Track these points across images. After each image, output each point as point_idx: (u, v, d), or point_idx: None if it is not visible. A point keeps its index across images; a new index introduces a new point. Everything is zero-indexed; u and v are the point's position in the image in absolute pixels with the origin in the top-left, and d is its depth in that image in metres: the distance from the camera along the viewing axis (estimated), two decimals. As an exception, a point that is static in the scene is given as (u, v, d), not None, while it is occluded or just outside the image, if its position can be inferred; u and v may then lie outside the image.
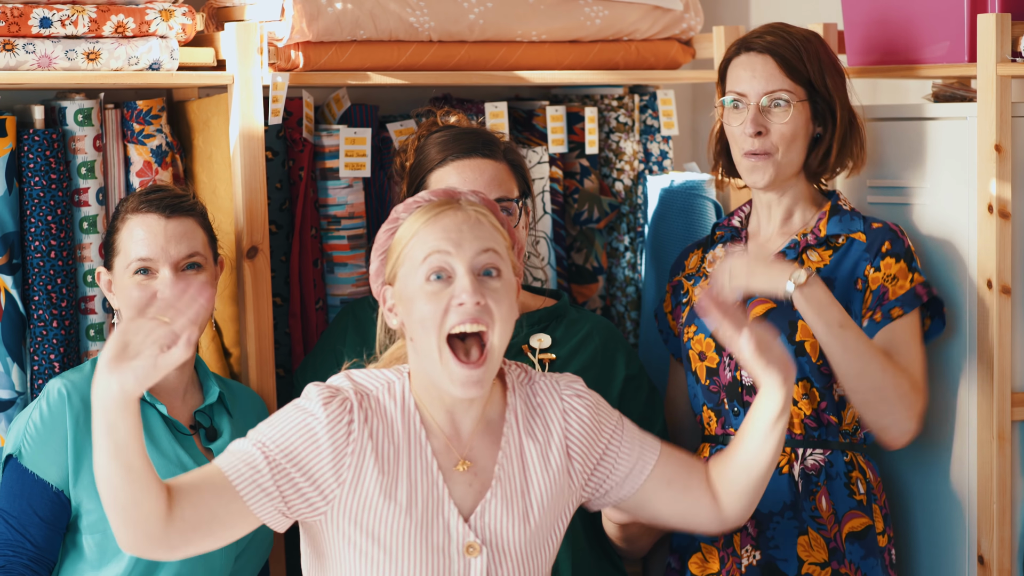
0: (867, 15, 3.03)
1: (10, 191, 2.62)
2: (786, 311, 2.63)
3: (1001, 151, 2.69)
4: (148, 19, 2.67)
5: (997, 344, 2.72)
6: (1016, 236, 2.74)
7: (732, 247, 2.75)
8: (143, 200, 2.50)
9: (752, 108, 2.65)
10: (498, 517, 2.15)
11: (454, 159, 2.64)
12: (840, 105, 2.69)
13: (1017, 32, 2.70)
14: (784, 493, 2.63)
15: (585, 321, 2.75)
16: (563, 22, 3.06)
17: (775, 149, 2.66)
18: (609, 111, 3.26)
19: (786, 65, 2.66)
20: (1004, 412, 2.73)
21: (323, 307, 2.95)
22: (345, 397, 2.11)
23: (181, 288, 2.23)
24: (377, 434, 2.11)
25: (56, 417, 2.41)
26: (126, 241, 2.48)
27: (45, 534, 2.39)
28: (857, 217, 2.71)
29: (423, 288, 2.10)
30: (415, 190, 2.66)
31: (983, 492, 2.76)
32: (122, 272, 2.49)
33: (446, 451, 2.15)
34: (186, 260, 2.49)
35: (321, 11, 2.80)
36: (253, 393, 2.69)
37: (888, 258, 2.65)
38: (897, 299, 2.63)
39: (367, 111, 3.00)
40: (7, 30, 2.56)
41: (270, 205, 2.85)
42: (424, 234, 2.12)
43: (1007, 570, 2.76)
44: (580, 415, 2.23)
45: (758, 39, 2.69)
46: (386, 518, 2.10)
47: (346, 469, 2.09)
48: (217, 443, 2.52)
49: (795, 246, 2.70)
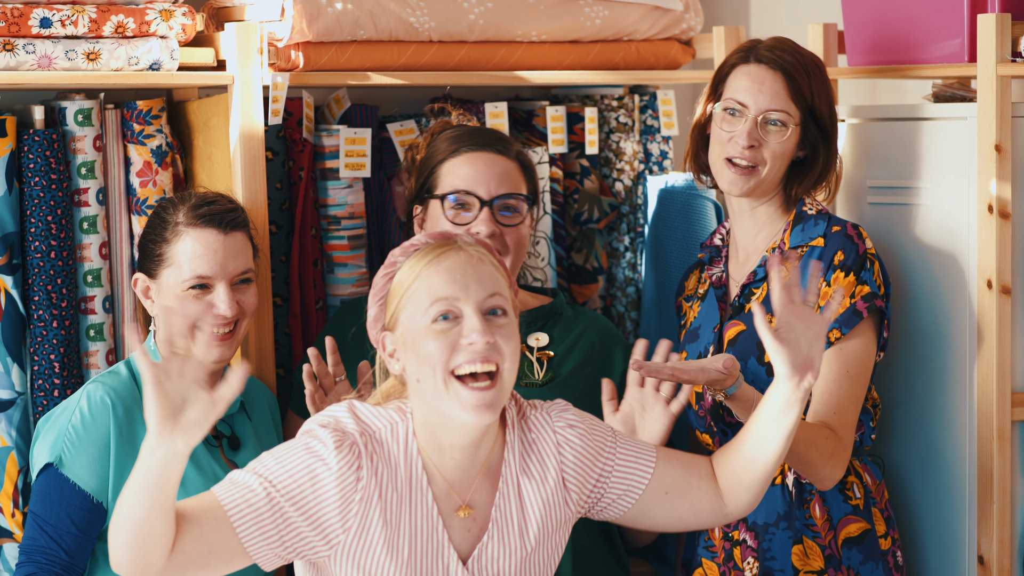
0: (867, 15, 3.03)
1: (10, 191, 2.62)
2: (754, 334, 2.59)
3: (1001, 151, 2.69)
4: (148, 19, 2.67)
5: (997, 344, 2.72)
6: (1016, 236, 2.74)
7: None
8: (199, 214, 2.47)
9: (750, 121, 2.62)
10: (496, 558, 2.14)
11: (467, 150, 2.66)
12: (833, 136, 2.67)
13: (1017, 32, 2.69)
14: (778, 504, 2.63)
15: (581, 318, 2.77)
16: (563, 22, 3.06)
17: (763, 163, 2.62)
18: (609, 111, 3.26)
19: (793, 86, 2.63)
20: (1004, 412, 2.73)
21: (323, 307, 2.95)
22: (353, 442, 2.06)
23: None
24: (383, 481, 2.08)
25: (99, 424, 2.40)
26: (182, 255, 2.45)
27: (79, 543, 2.38)
28: (822, 220, 2.66)
29: (430, 328, 2.06)
30: (424, 183, 2.68)
31: (983, 492, 2.76)
32: (174, 285, 2.46)
33: (447, 497, 2.13)
34: (240, 276, 2.49)
35: (321, 11, 2.80)
36: (262, 385, 2.69)
37: (838, 271, 2.60)
38: (836, 320, 2.57)
39: (367, 111, 3.00)
40: (7, 30, 2.56)
41: (270, 205, 2.85)
42: (428, 277, 2.09)
43: (1007, 570, 2.76)
44: (574, 446, 2.20)
45: (769, 52, 2.64)
46: (388, 569, 2.08)
47: (352, 516, 2.05)
48: (241, 455, 2.52)
49: (764, 263, 2.66)
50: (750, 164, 2.62)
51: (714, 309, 2.71)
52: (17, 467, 2.63)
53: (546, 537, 2.18)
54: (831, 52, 3.14)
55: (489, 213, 2.63)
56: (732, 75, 2.68)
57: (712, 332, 2.68)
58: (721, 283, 2.74)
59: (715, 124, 2.68)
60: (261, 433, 2.59)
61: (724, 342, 2.66)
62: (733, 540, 2.66)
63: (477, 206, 2.64)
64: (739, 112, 2.63)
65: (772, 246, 2.68)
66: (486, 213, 2.63)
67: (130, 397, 2.42)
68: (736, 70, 2.67)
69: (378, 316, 2.16)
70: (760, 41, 2.69)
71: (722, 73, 2.71)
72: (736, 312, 2.67)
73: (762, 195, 2.67)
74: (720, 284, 2.74)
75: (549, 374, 2.68)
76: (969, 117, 2.76)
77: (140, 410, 2.41)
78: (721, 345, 2.66)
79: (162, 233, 2.48)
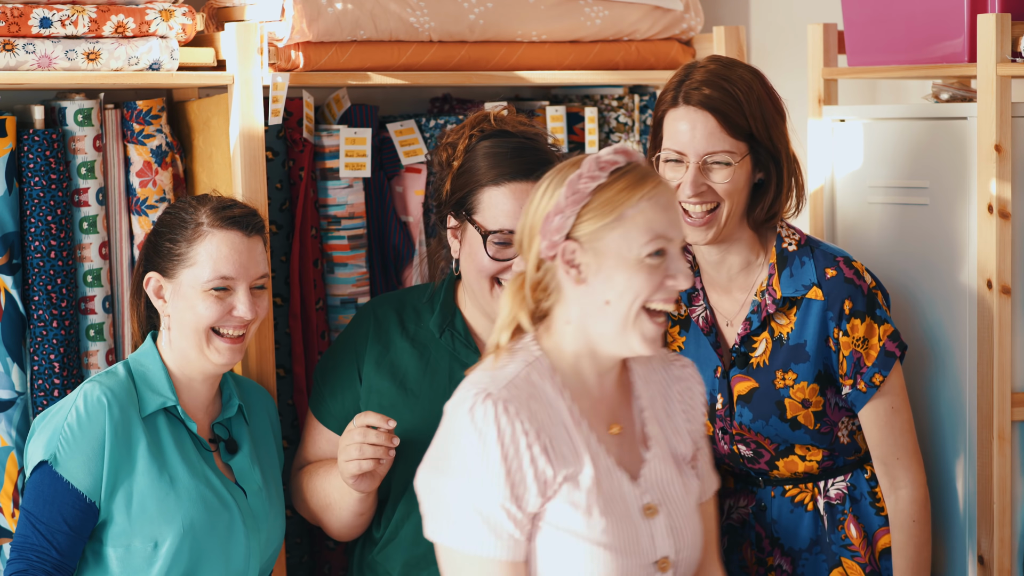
0: (867, 15, 3.03)
1: (10, 191, 2.62)
2: (770, 392, 2.59)
3: (1001, 151, 2.69)
4: (148, 19, 2.67)
5: (997, 344, 2.72)
6: (1016, 236, 2.74)
7: None
8: (224, 216, 2.46)
9: (692, 168, 2.50)
10: (659, 472, 2.19)
11: (509, 180, 2.51)
12: (784, 154, 2.56)
13: (1017, 32, 2.69)
14: (809, 529, 2.63)
15: None
16: (563, 22, 3.06)
17: (720, 200, 2.52)
18: (609, 111, 3.26)
19: (727, 122, 2.49)
20: (1004, 412, 2.73)
21: (323, 307, 2.95)
22: (505, 408, 2.09)
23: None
24: (545, 424, 2.12)
25: (95, 424, 2.39)
26: (206, 255, 2.44)
27: (71, 542, 2.37)
28: (806, 258, 2.59)
29: (643, 262, 2.11)
30: (462, 200, 2.55)
31: (983, 492, 2.76)
32: (193, 285, 2.45)
33: (595, 416, 2.18)
34: (259, 280, 2.49)
35: (321, 11, 2.80)
36: (259, 387, 2.68)
37: (853, 320, 2.57)
38: (873, 365, 2.58)
39: (367, 111, 3.00)
40: (7, 30, 2.56)
41: (270, 205, 2.85)
42: (648, 210, 2.12)
43: (1007, 570, 2.76)
44: (690, 386, 2.31)
45: (696, 91, 2.50)
46: (591, 505, 2.11)
47: (548, 471, 2.10)
48: (236, 459, 2.52)
49: (757, 310, 2.60)
50: (708, 209, 2.52)
51: (707, 351, 2.64)
52: (17, 467, 2.63)
53: (685, 452, 2.26)
54: (831, 52, 3.14)
55: None
56: (666, 121, 2.56)
57: (714, 376, 2.63)
58: (710, 324, 2.65)
59: (663, 172, 2.56)
60: (258, 438, 2.59)
61: (734, 394, 2.63)
62: (768, 565, 2.66)
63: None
64: (680, 160, 2.53)
65: (760, 289, 2.61)
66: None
67: (126, 398, 2.42)
68: (668, 116, 2.55)
69: (565, 222, 2.14)
70: (691, 73, 2.55)
71: (657, 117, 2.59)
72: (741, 363, 2.62)
73: (727, 237, 2.57)
74: (709, 326, 2.65)
75: None
76: (969, 117, 2.76)
77: (136, 411, 2.42)
78: (731, 396, 2.63)
79: (183, 232, 2.47)
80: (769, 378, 2.59)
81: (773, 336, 2.60)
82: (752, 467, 2.65)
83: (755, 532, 2.67)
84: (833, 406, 2.60)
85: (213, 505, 2.43)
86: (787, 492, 2.66)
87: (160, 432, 2.43)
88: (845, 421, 2.63)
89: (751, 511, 2.67)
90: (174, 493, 2.40)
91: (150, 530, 2.38)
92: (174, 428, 2.45)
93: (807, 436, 2.60)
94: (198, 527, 2.40)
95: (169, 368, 2.48)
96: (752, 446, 2.62)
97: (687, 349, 2.67)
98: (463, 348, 2.58)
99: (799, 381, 2.58)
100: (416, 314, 2.64)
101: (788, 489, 2.66)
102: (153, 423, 2.43)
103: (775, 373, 2.59)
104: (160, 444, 2.42)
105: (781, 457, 2.63)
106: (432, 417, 2.27)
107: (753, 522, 2.67)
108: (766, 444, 2.61)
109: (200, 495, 2.42)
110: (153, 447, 2.41)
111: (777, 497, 2.66)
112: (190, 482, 2.43)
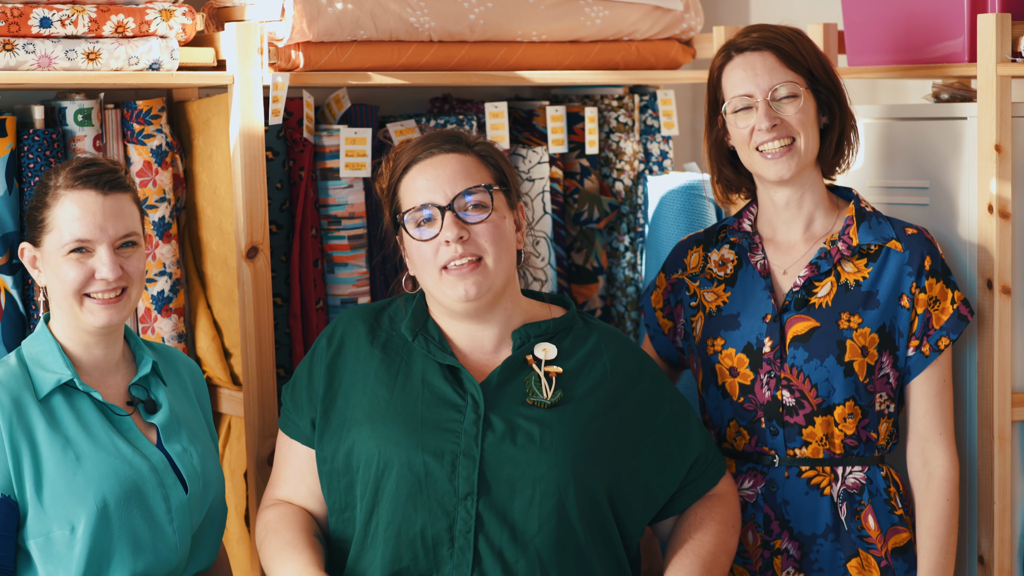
0: (867, 15, 3.03)
1: (10, 191, 2.62)
2: (832, 331, 2.61)
3: (1001, 151, 2.69)
4: (148, 19, 2.67)
5: (997, 344, 2.72)
6: (1016, 236, 2.74)
7: None
8: (78, 176, 2.38)
9: (762, 104, 2.60)
10: None
11: (416, 162, 2.48)
12: (843, 96, 2.66)
13: (1017, 32, 2.70)
14: (826, 514, 2.62)
15: (592, 330, 2.57)
16: (563, 22, 3.06)
17: (796, 134, 2.60)
18: (609, 111, 3.26)
19: (785, 57, 2.62)
20: (1004, 412, 2.73)
21: (323, 307, 2.95)
22: None
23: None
24: None
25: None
26: (60, 219, 2.36)
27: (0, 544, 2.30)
28: (884, 220, 2.67)
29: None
30: (391, 204, 2.53)
31: (983, 492, 2.76)
32: (54, 251, 2.37)
33: None
34: (123, 239, 2.39)
35: (321, 11, 2.80)
36: (190, 360, 2.60)
37: (930, 278, 2.62)
38: (943, 327, 2.62)
39: (367, 111, 3.00)
40: (7, 30, 2.56)
41: (270, 205, 2.85)
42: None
43: (1007, 570, 2.76)
44: None
45: (746, 39, 2.64)
46: None
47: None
48: (157, 416, 2.43)
49: (826, 256, 2.65)
50: (784, 143, 2.60)
51: (760, 296, 2.67)
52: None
53: None
54: (831, 52, 3.14)
55: (453, 216, 2.42)
56: (723, 77, 2.66)
57: (763, 322, 2.65)
58: (767, 270, 2.70)
59: (732, 128, 2.65)
60: (180, 397, 2.50)
61: (787, 335, 2.63)
62: (773, 549, 2.65)
63: (439, 214, 2.43)
64: (748, 103, 2.62)
65: (830, 238, 2.66)
66: (449, 218, 2.42)
67: (17, 384, 2.34)
68: (724, 71, 2.66)
69: None
70: (733, 37, 2.68)
71: (713, 81, 2.69)
72: (800, 306, 2.64)
73: (804, 175, 2.64)
74: (766, 272, 2.70)
75: (559, 393, 2.47)
76: (969, 117, 2.77)
77: (31, 395, 2.34)
78: (783, 337, 2.64)
79: (43, 199, 2.39)
80: (833, 319, 2.61)
81: (839, 281, 2.63)
82: (788, 420, 2.62)
83: (763, 513, 2.65)
84: (879, 374, 2.62)
85: (125, 475, 2.34)
86: (803, 473, 2.64)
87: (58, 411, 2.35)
88: (883, 398, 2.63)
89: (759, 491, 2.65)
90: (82, 470, 2.31)
91: (65, 514, 2.30)
92: (76, 403, 2.37)
93: (852, 388, 2.60)
94: (112, 501, 2.31)
95: (61, 343, 2.39)
96: (796, 394, 2.62)
97: (732, 301, 2.70)
98: (438, 351, 2.48)
99: (863, 326, 2.61)
100: (391, 320, 2.56)
101: (805, 470, 2.64)
102: (52, 403, 2.35)
103: (840, 315, 2.61)
104: (60, 423, 2.34)
105: (821, 415, 2.61)
106: (407, 421, 2.34)
107: (761, 503, 2.65)
108: (811, 396, 2.61)
109: (111, 468, 2.33)
110: (53, 427, 2.32)
111: (792, 478, 2.63)
112: (97, 455, 2.33)
